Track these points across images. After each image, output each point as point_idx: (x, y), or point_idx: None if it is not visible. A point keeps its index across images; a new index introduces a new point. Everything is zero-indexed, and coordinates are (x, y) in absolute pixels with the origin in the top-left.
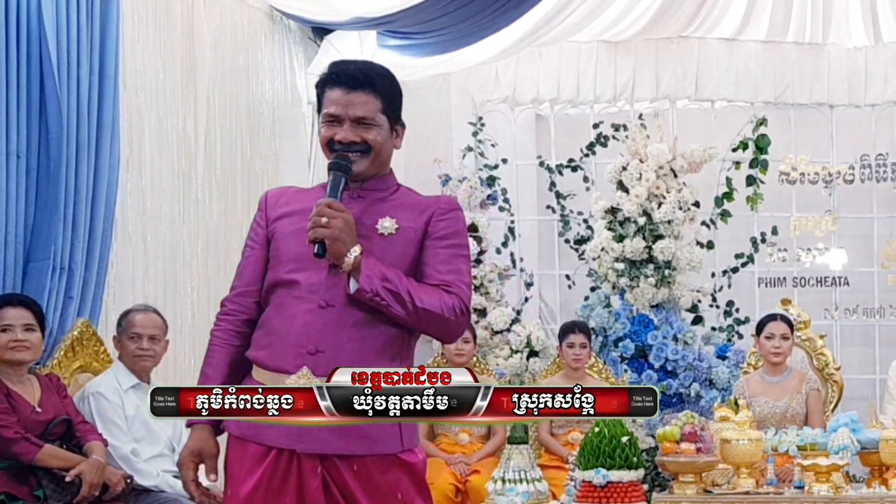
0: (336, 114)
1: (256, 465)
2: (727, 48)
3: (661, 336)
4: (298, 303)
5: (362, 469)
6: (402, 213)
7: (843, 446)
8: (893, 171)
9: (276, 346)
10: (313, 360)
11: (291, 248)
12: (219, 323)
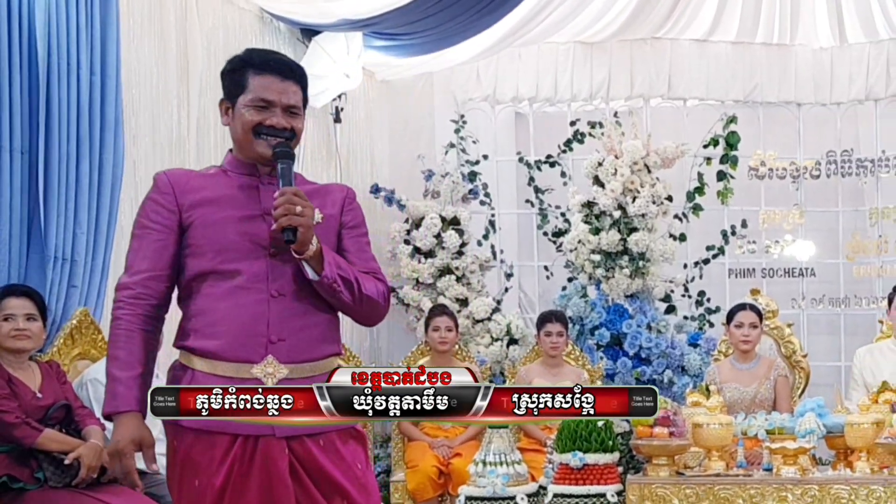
0: (271, 99)
1: (225, 455)
2: (698, 49)
3: (636, 325)
4: (245, 293)
5: (328, 443)
6: (320, 202)
7: (810, 430)
8: (858, 167)
9: (231, 337)
10: (275, 348)
11: (222, 238)
12: (125, 307)
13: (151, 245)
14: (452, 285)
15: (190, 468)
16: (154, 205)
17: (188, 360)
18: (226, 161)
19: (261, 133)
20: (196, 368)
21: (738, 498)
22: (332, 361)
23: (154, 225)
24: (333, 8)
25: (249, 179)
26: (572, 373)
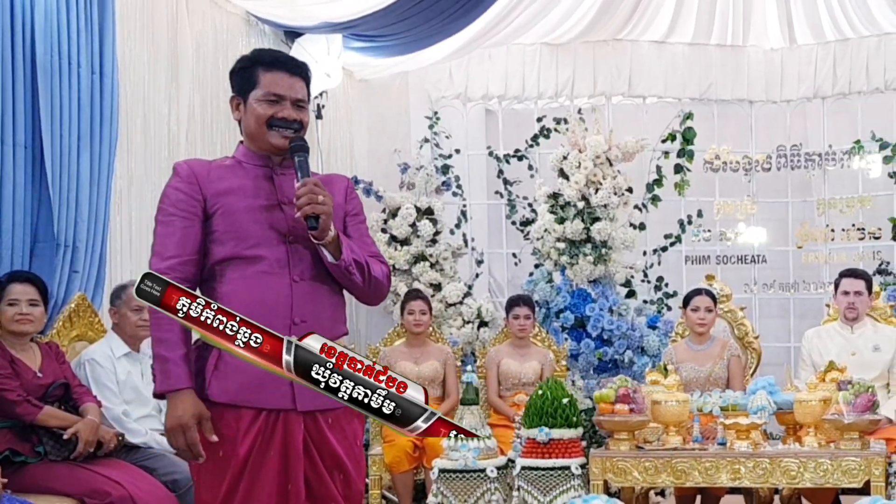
0: (282, 94)
1: (250, 426)
2: (657, 50)
3: (598, 308)
4: (269, 277)
5: (335, 422)
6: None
7: (761, 407)
8: (806, 160)
9: (258, 318)
10: (297, 328)
11: (248, 226)
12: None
13: (179, 231)
14: (427, 271)
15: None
16: (178, 193)
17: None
18: (238, 153)
19: (273, 125)
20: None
21: (693, 470)
22: (341, 341)
23: (180, 212)
24: (315, 11)
25: (264, 170)
26: (539, 353)
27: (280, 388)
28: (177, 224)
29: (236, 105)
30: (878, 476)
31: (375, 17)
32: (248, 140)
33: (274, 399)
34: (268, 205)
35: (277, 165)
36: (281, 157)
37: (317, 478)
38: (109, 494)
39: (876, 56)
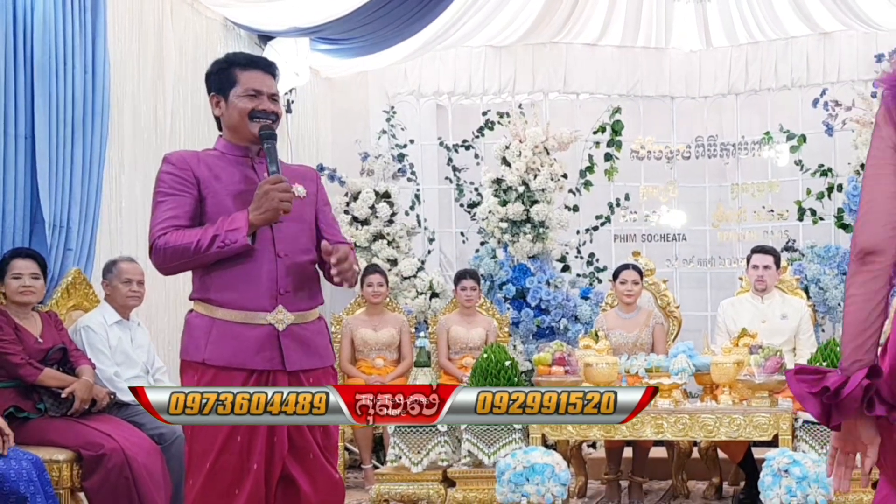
0: (260, 89)
1: (244, 385)
2: (589, 51)
3: (537, 281)
4: (256, 253)
5: (316, 381)
6: (303, 182)
7: (682, 369)
8: (722, 150)
9: (248, 290)
10: (283, 298)
11: (232, 209)
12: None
13: (172, 203)
14: (384, 248)
15: None
16: (171, 175)
17: (209, 311)
18: (220, 145)
19: (254, 117)
20: (216, 317)
21: (621, 426)
22: (318, 310)
23: (181, 187)
24: (285, 17)
25: (244, 159)
26: (484, 321)
27: (269, 352)
28: (170, 201)
29: (216, 102)
30: (785, 430)
31: (339, 23)
32: (230, 133)
33: (263, 361)
34: (251, 189)
35: (256, 155)
36: (259, 147)
37: (297, 431)
38: (102, 446)
39: (783, 57)
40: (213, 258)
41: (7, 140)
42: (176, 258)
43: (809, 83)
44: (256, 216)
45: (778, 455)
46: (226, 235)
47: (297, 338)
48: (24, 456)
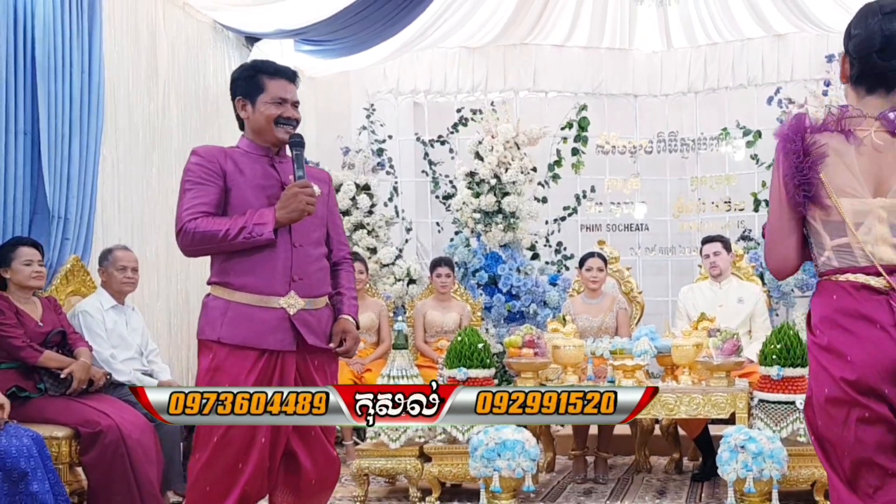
0: (286, 97)
1: (255, 364)
2: (557, 52)
3: (508, 268)
4: (274, 243)
5: (321, 361)
6: (317, 182)
7: (644, 351)
8: (682, 145)
9: (264, 276)
10: (296, 285)
11: (257, 202)
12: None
13: (202, 190)
14: (364, 237)
15: (222, 374)
16: (201, 167)
17: (226, 294)
18: (243, 144)
19: (279, 122)
20: (232, 300)
21: None
22: (326, 298)
23: (207, 177)
24: (271, 20)
25: (266, 158)
26: (458, 306)
27: (281, 334)
28: (198, 189)
29: (242, 106)
30: (741, 409)
31: (321, 25)
32: (255, 134)
33: (276, 342)
34: (272, 185)
35: (276, 155)
36: (278, 148)
37: None
38: (99, 423)
39: (739, 57)
40: (238, 247)
41: (9, 136)
42: (204, 242)
43: (764, 82)
44: (283, 214)
45: (735, 432)
46: (253, 228)
47: (305, 322)
48: (25, 433)
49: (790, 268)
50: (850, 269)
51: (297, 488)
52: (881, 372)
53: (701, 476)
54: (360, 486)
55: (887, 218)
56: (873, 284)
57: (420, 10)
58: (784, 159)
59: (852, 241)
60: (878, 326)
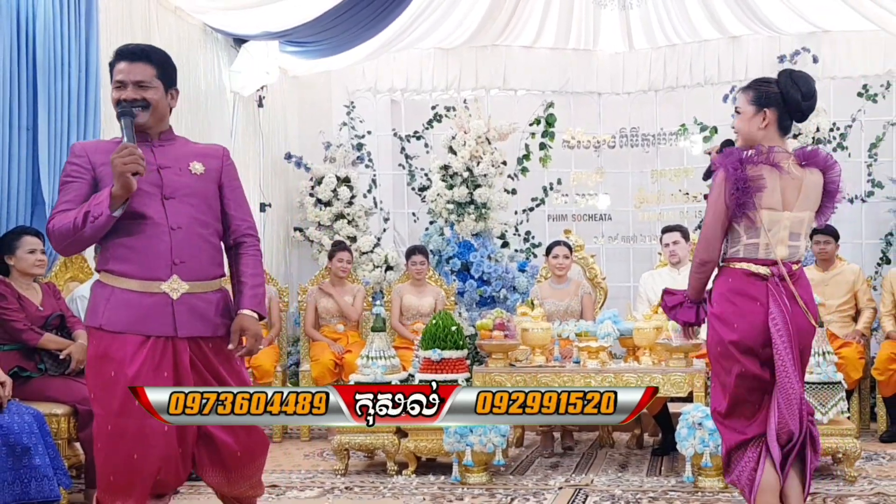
0: (123, 80)
1: (139, 350)
2: (526, 52)
3: (480, 256)
4: (151, 228)
5: (216, 346)
6: (203, 159)
7: (608, 333)
8: (643, 140)
9: (145, 262)
10: (178, 269)
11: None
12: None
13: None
14: (345, 227)
15: (107, 360)
16: (71, 165)
17: (110, 280)
18: None
19: (120, 105)
20: (115, 286)
21: (554, 383)
22: (219, 281)
23: (77, 176)
24: (257, 22)
25: (146, 144)
26: (433, 291)
27: (163, 319)
28: (66, 189)
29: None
30: (699, 388)
31: (305, 28)
32: None
33: (157, 327)
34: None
35: (156, 138)
36: (158, 131)
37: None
38: None
39: (697, 58)
40: (90, 233)
41: (12, 132)
42: (63, 239)
43: (720, 81)
44: (115, 188)
45: (693, 410)
46: (92, 210)
47: (192, 306)
48: (26, 410)
49: (715, 260)
50: (748, 259)
51: (223, 465)
52: (756, 337)
53: (661, 451)
54: (341, 460)
55: (789, 226)
56: (761, 272)
57: (397, 14)
58: (729, 184)
59: (762, 240)
60: (758, 304)
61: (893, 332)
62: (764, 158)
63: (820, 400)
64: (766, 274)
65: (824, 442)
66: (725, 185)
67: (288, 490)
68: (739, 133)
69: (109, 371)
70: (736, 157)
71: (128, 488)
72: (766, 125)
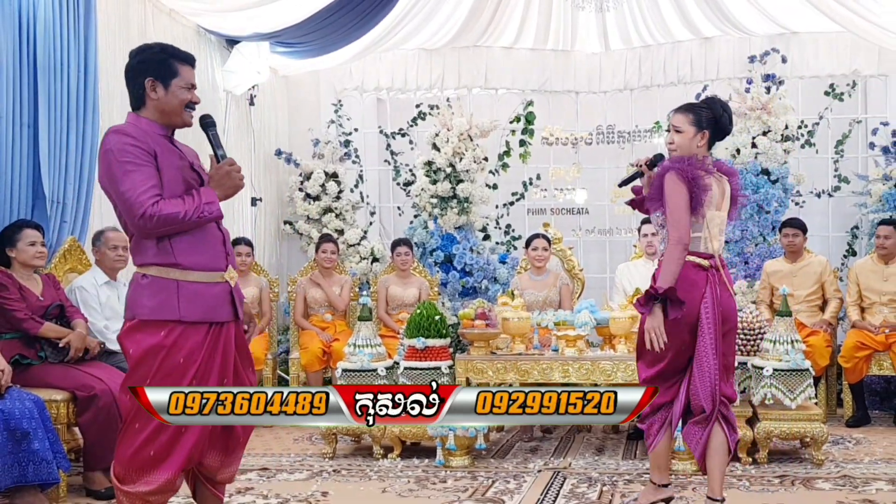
0: (195, 83)
1: (205, 338)
2: (506, 53)
3: (462, 248)
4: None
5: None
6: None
7: (585, 322)
8: (619, 137)
9: (208, 254)
10: (230, 259)
11: (182, 182)
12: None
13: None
14: (333, 220)
15: (176, 350)
16: (137, 148)
17: (176, 274)
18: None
19: (188, 107)
20: (181, 279)
21: (533, 370)
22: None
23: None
24: (248, 24)
25: (167, 139)
26: (417, 282)
27: (227, 306)
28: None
29: (152, 86)
30: None
31: (294, 29)
32: (160, 114)
33: (225, 314)
34: (185, 165)
35: (172, 134)
36: (174, 128)
37: (237, 372)
38: (93, 388)
39: (670, 58)
40: (192, 226)
41: (14, 128)
42: (167, 224)
43: (693, 80)
44: (222, 192)
45: None
46: (205, 207)
47: (238, 292)
48: (27, 397)
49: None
50: (693, 252)
51: (225, 447)
52: (693, 314)
53: (636, 435)
54: (329, 444)
55: (719, 224)
56: (703, 264)
57: (383, 16)
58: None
59: (703, 235)
60: (698, 290)
61: (859, 322)
62: (702, 166)
63: (788, 386)
64: (706, 265)
65: (793, 426)
66: (682, 182)
67: (278, 473)
68: (679, 148)
69: (178, 359)
70: (685, 162)
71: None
72: (703, 143)
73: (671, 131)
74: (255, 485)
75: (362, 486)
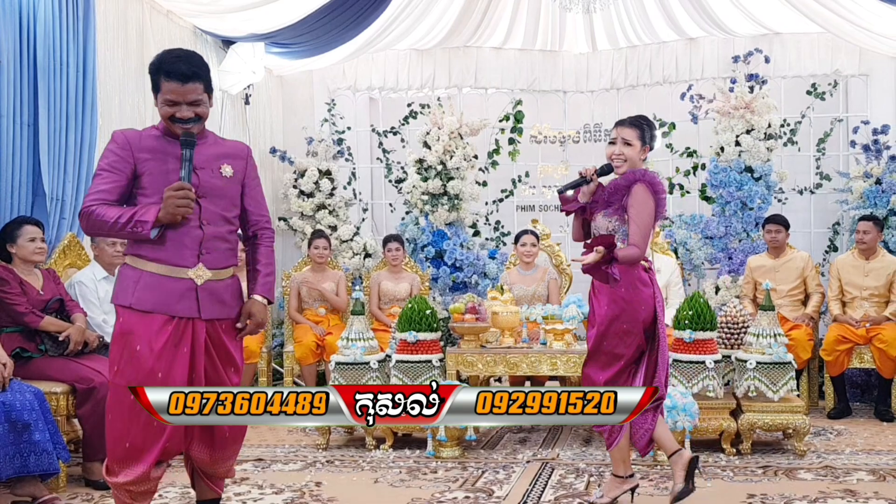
0: (176, 100)
1: (163, 328)
2: (496, 53)
3: (453, 244)
4: (184, 222)
5: (228, 326)
6: (231, 161)
7: (573, 316)
8: (605, 135)
9: (174, 250)
10: (203, 258)
11: (164, 186)
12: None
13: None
14: (326, 217)
15: (134, 336)
16: (115, 154)
17: (139, 264)
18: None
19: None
20: (144, 269)
21: (522, 363)
22: (232, 269)
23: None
24: (243, 25)
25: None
26: (408, 277)
27: (188, 302)
28: (106, 176)
29: (154, 97)
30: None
31: (289, 30)
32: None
33: (183, 309)
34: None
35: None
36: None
37: (213, 370)
38: (92, 380)
39: (656, 58)
40: (124, 236)
41: (14, 127)
42: (97, 228)
43: (678, 80)
44: (163, 214)
45: None
46: (136, 223)
47: (211, 291)
48: (27, 389)
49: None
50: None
51: (212, 442)
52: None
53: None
54: (323, 435)
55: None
56: (648, 267)
57: (375, 17)
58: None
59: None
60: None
61: (840, 316)
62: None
63: (771, 379)
64: (648, 267)
65: (776, 418)
66: (651, 196)
67: (273, 463)
68: (629, 160)
69: (135, 346)
70: (652, 176)
71: (141, 455)
72: (644, 157)
73: (619, 143)
74: (251, 475)
75: (355, 476)
